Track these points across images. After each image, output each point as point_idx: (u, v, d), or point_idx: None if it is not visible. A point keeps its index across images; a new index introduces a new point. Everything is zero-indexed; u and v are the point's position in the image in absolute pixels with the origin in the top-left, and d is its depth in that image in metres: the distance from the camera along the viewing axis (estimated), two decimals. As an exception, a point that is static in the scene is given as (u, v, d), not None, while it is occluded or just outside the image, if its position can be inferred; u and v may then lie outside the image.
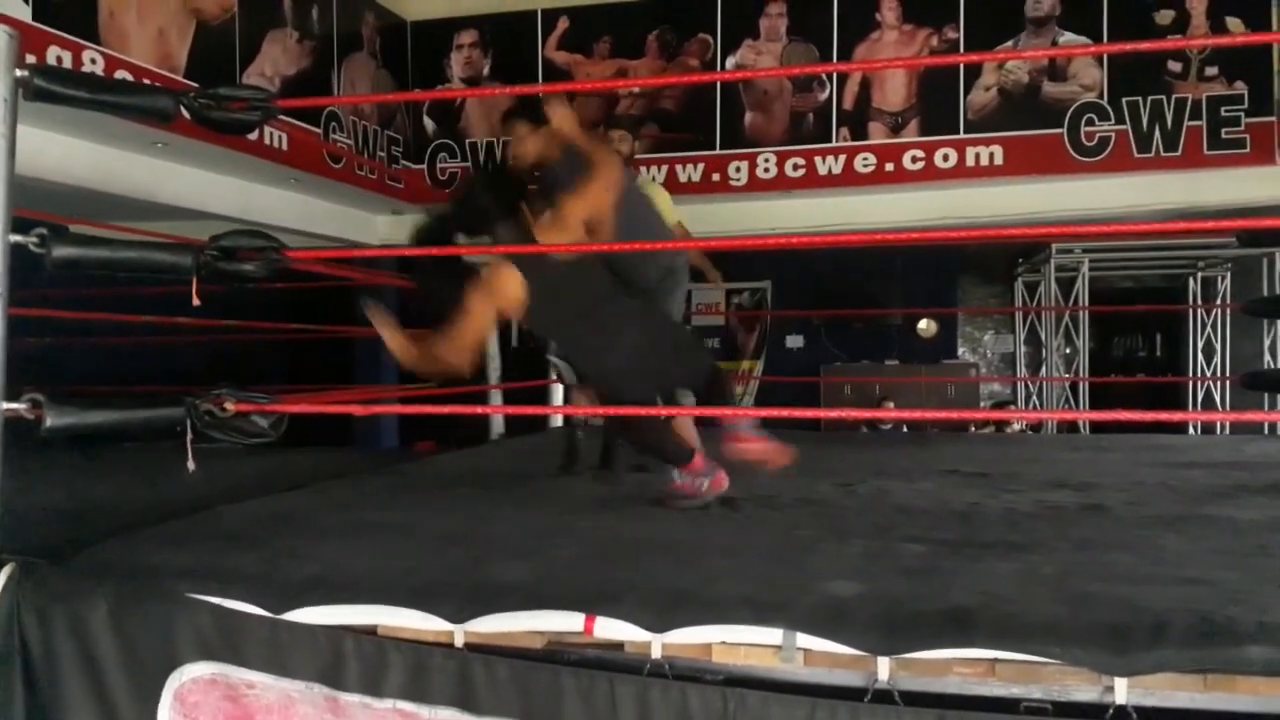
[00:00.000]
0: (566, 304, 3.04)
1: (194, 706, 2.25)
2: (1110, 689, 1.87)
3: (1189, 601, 2.05)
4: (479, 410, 3.04)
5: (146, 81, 4.30)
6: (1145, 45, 2.14)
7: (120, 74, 4.27)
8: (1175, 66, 5.82)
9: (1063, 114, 5.93)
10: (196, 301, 2.59)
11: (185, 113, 2.69)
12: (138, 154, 4.92)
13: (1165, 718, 1.84)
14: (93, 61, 4.19)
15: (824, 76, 6.31)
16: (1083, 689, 1.91)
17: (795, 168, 6.33)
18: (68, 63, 4.03)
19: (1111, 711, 1.85)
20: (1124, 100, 5.85)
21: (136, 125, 4.25)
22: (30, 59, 3.43)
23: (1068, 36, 6.02)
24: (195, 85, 2.79)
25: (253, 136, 5.02)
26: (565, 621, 2.13)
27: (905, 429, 7.44)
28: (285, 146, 5.30)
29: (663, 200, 4.14)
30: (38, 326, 5.61)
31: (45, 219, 2.89)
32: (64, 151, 4.53)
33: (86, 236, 2.62)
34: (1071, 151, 5.91)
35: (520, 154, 3.55)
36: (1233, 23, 5.85)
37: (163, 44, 4.63)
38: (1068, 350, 8.49)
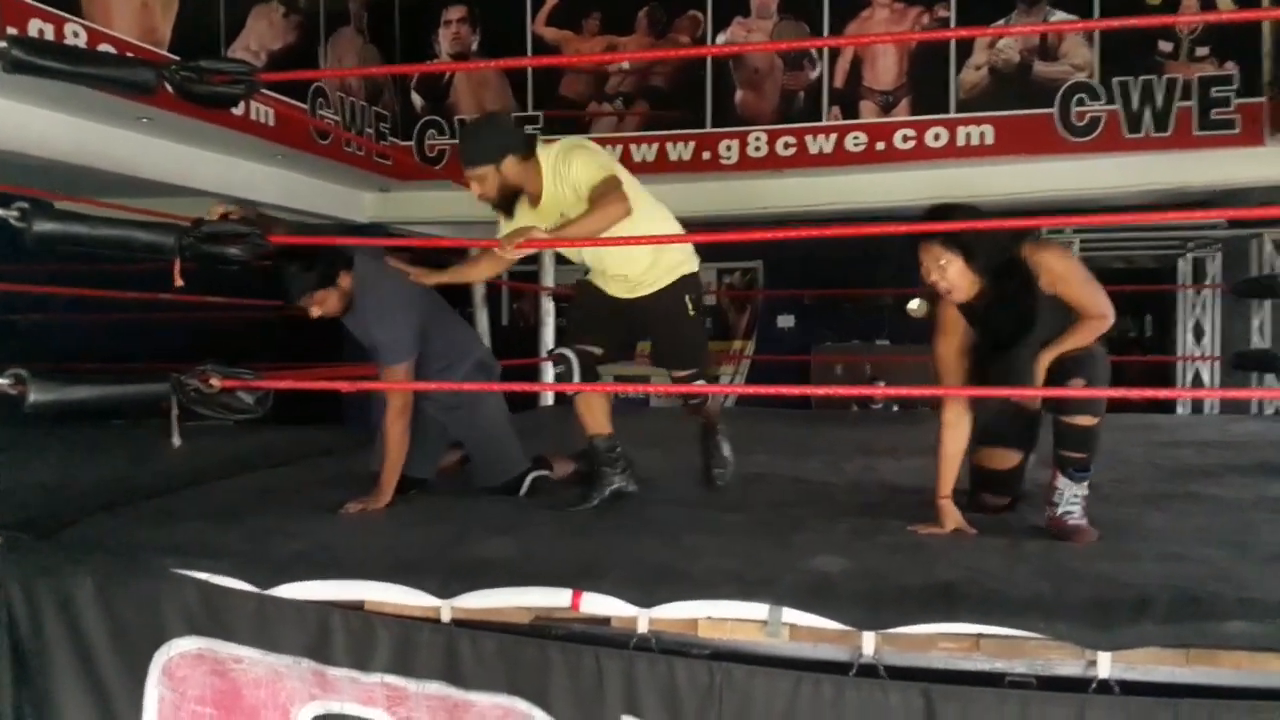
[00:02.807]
0: None
1: (182, 681, 2.25)
2: (1093, 663, 1.89)
3: (1172, 578, 2.07)
4: (468, 387, 3.03)
5: (130, 55, 4.24)
6: (1135, 21, 2.15)
7: (104, 47, 4.21)
8: (1166, 47, 5.79)
9: (1053, 94, 5.90)
10: (179, 283, 2.57)
11: (167, 86, 2.66)
12: (122, 129, 4.85)
13: (1147, 691, 1.85)
14: (75, 35, 4.13)
15: (815, 55, 6.26)
16: (1066, 663, 1.93)
17: (786, 146, 6.29)
18: (50, 36, 3.97)
19: (1094, 685, 1.87)
20: (1115, 80, 5.82)
21: (121, 100, 4.18)
22: (11, 31, 3.39)
23: (1059, 15, 5.99)
24: (177, 59, 2.75)
25: (238, 111, 4.96)
26: (552, 597, 2.13)
27: (896, 408, 7.47)
28: (271, 122, 5.25)
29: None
30: (22, 303, 5.59)
31: (28, 194, 2.87)
32: (46, 126, 4.47)
33: (68, 213, 2.60)
34: (1062, 131, 5.88)
35: None
36: (1223, 2, 5.83)
37: (147, 17, 4.56)
38: (1057, 331, 8.49)
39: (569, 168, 2.84)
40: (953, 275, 2.59)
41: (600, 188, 2.78)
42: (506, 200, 2.89)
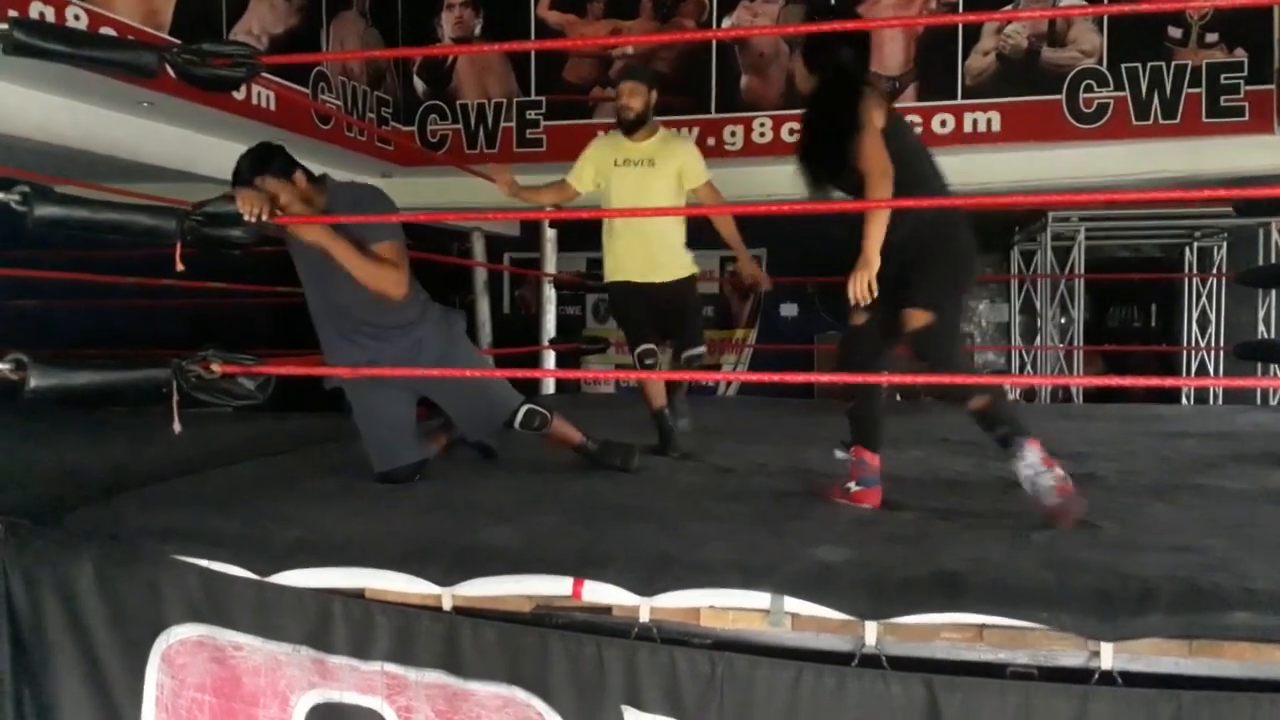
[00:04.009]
0: None
1: (181, 668, 2.25)
2: (1096, 654, 1.88)
3: (1176, 569, 2.05)
4: (470, 374, 3.02)
5: (131, 38, 4.22)
6: (1144, 6, 2.12)
7: (105, 30, 4.19)
8: (1175, 33, 5.75)
9: (1062, 80, 5.86)
10: (180, 266, 2.57)
11: (169, 69, 2.64)
12: (123, 113, 4.84)
13: (1150, 683, 1.84)
14: (76, 18, 4.11)
15: (821, 40, 6.22)
16: (1069, 654, 1.92)
17: (791, 132, 6.24)
18: (51, 18, 3.95)
19: (1097, 676, 1.86)
20: (1123, 66, 5.78)
21: (122, 84, 4.17)
22: (12, 13, 3.37)
23: (1067, 0, 5.95)
24: (179, 42, 2.73)
25: (240, 96, 4.95)
26: (553, 585, 2.13)
27: (898, 397, 7.45)
28: (273, 106, 5.23)
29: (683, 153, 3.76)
30: (23, 289, 5.58)
31: (29, 178, 2.85)
32: (48, 110, 4.47)
33: (69, 196, 2.58)
34: (1070, 118, 5.85)
35: None
36: (1234, -13, 5.79)
37: (148, 0, 4.55)
38: (1063, 320, 8.47)
39: (683, 146, 3.81)
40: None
41: (708, 187, 3.76)
42: (637, 120, 3.66)
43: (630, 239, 3.69)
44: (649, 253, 3.68)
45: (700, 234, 3.83)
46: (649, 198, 3.61)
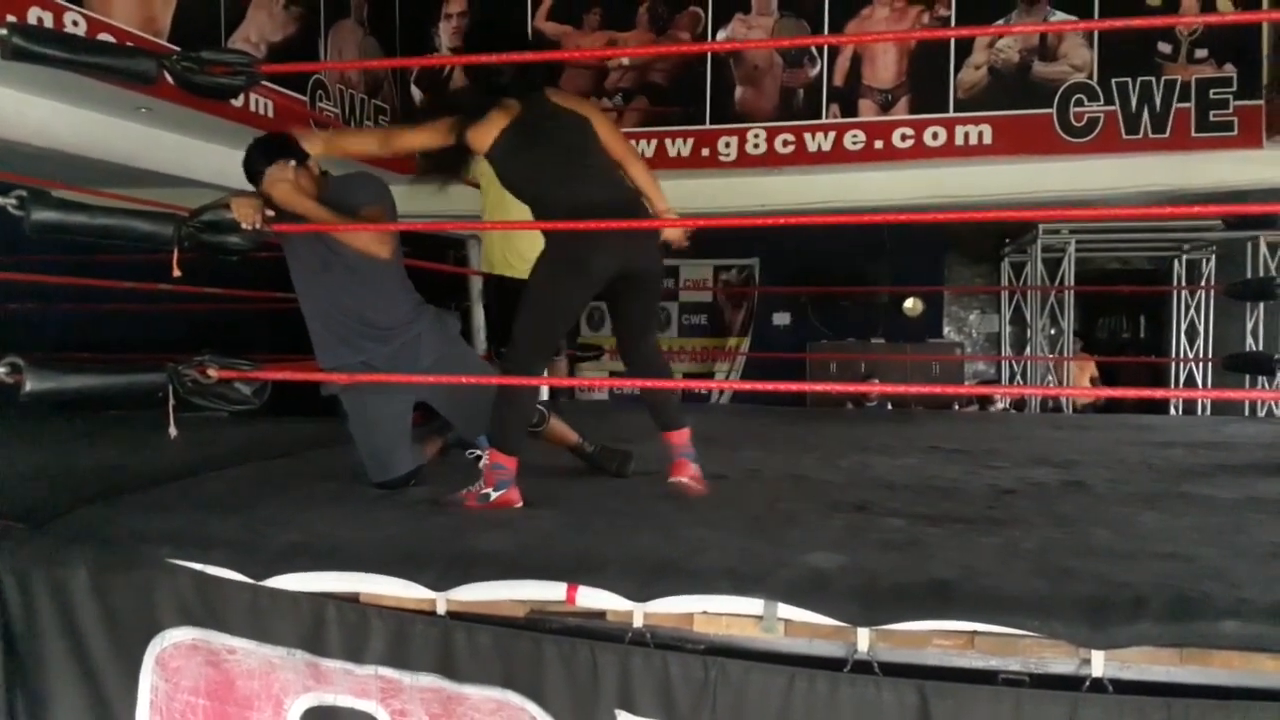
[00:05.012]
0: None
1: (176, 671, 2.25)
2: (1087, 662, 1.89)
3: (1166, 577, 2.07)
4: (465, 380, 3.03)
5: (129, 44, 4.23)
6: (1135, 22, 2.18)
7: (103, 36, 4.20)
8: (1165, 48, 5.80)
9: (1052, 94, 5.92)
10: (177, 273, 2.57)
11: (167, 76, 2.65)
12: (121, 119, 4.84)
13: (1141, 690, 1.86)
14: (74, 23, 4.12)
15: (814, 52, 6.27)
16: (1060, 661, 1.93)
17: (785, 144, 6.29)
18: (49, 24, 3.96)
19: (1088, 684, 1.87)
20: (1114, 81, 5.84)
21: (120, 90, 4.18)
22: (10, 18, 3.38)
23: (1059, 15, 6.01)
24: (178, 49, 2.74)
25: (238, 103, 4.96)
26: (548, 591, 2.13)
27: (890, 406, 7.49)
28: (271, 114, 5.24)
29: None
30: (20, 292, 5.57)
31: (26, 182, 2.86)
32: (45, 115, 4.47)
33: (66, 201, 2.59)
34: (1060, 132, 5.90)
35: None
36: (1223, 4, 5.85)
37: (147, 7, 4.55)
38: (1052, 331, 8.53)
39: None
40: None
41: None
42: None
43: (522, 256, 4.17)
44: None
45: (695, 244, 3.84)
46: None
